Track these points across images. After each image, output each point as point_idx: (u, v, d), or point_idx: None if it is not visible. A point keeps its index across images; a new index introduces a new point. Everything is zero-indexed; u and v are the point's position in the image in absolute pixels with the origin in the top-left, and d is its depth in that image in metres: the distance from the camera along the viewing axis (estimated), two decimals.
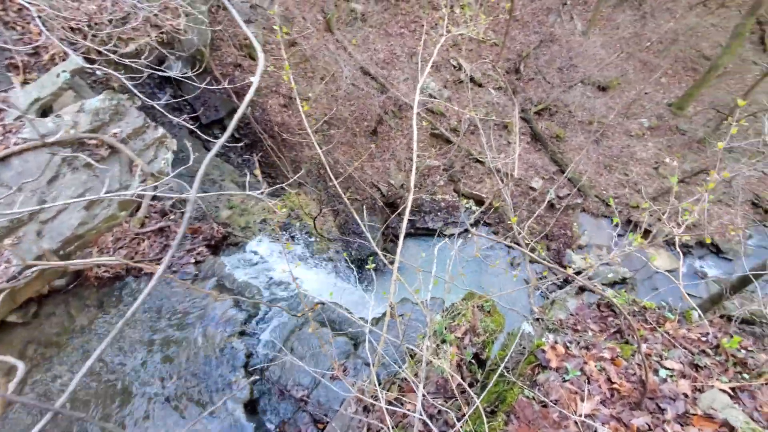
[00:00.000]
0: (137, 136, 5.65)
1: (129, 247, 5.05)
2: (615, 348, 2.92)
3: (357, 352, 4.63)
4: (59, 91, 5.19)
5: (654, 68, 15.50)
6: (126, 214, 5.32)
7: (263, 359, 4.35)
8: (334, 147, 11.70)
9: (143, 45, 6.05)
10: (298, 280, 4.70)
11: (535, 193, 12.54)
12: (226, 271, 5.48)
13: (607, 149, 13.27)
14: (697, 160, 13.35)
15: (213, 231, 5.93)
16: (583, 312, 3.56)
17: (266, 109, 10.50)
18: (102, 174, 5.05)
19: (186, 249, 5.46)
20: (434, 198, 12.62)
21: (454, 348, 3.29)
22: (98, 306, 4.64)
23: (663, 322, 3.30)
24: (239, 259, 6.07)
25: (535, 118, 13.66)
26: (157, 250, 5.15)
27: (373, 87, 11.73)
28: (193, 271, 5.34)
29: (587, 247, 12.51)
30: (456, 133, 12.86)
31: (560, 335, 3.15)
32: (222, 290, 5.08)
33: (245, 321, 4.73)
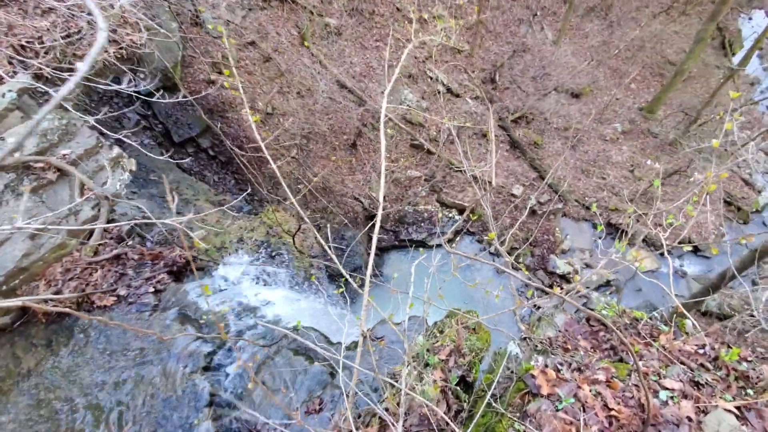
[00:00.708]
0: (90, 156, 5.25)
1: (80, 278, 4.60)
2: (609, 368, 2.77)
3: (334, 381, 4.29)
4: (4, 111, 4.78)
5: (623, 74, 15.96)
6: (76, 242, 4.89)
7: (231, 396, 3.99)
8: (313, 161, 11.51)
9: (100, 61, 5.75)
10: (270, 305, 4.41)
11: (516, 200, 12.59)
12: (189, 300, 5.07)
13: (583, 154, 13.48)
14: (671, 162, 13.70)
15: (176, 256, 5.50)
16: (573, 328, 3.41)
17: (241, 125, 10.25)
18: (49, 199, 4.66)
19: (144, 277, 5.01)
20: (417, 209, 12.52)
21: (439, 372, 3.08)
22: (47, 345, 4.19)
23: (657, 334, 3.18)
24: (206, 284, 5.66)
25: (512, 126, 13.81)
26: (111, 280, 4.72)
27: (350, 100, 11.63)
28: (153, 301, 4.90)
29: (570, 251, 12.58)
30: (436, 143, 12.85)
31: (550, 357, 2.99)
32: (185, 321, 4.65)
33: (210, 353, 4.35)
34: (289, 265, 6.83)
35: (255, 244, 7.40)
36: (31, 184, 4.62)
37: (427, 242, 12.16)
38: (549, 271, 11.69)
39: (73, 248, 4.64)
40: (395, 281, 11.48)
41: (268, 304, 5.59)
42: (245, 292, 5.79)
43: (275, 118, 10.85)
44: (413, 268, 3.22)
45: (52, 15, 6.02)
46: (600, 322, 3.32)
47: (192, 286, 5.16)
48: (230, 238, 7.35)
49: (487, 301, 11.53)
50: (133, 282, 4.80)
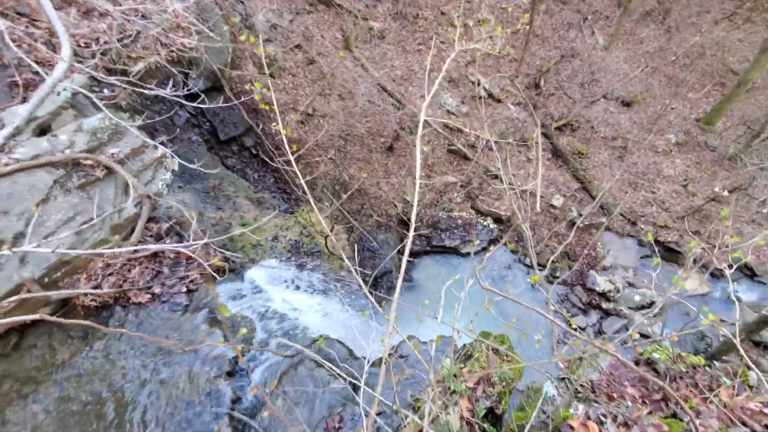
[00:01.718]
0: (135, 156, 5.48)
1: (119, 274, 4.79)
2: (661, 425, 2.49)
3: (356, 397, 4.15)
4: (59, 109, 5.06)
5: (680, 83, 15.01)
6: (119, 238, 5.05)
7: (252, 403, 4.03)
8: (350, 162, 11.62)
9: (152, 63, 6.05)
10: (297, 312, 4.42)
11: (556, 210, 12.14)
12: (219, 302, 5.18)
13: (632, 166, 12.79)
14: (729, 178, 12.73)
15: (209, 257, 5.58)
16: (619, 372, 3.14)
17: (283, 125, 10.52)
18: (96, 196, 4.88)
19: (179, 276, 5.15)
20: (451, 215, 12.34)
21: (465, 401, 2.94)
22: (82, 338, 4.40)
23: (717, 386, 2.86)
24: (236, 288, 5.74)
25: (556, 133, 13.33)
26: (148, 278, 4.91)
27: (389, 103, 11.65)
28: (184, 302, 4.98)
29: (612, 268, 11.96)
30: (474, 149, 12.63)
31: (592, 406, 2.73)
32: (212, 324, 4.74)
33: (235, 357, 4.43)
34: (319, 269, 6.90)
35: (288, 243, 7.55)
36: (79, 181, 4.85)
37: (460, 249, 11.95)
38: (588, 288, 11.17)
39: (115, 244, 4.87)
40: (424, 289, 11.38)
41: (296, 311, 5.64)
42: (274, 296, 5.83)
43: (315, 119, 11.05)
44: (443, 292, 3.10)
45: (108, 18, 6.43)
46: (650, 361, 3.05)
47: (223, 288, 5.30)
48: (266, 236, 7.55)
49: (519, 314, 11.19)
50: (168, 281, 4.98)
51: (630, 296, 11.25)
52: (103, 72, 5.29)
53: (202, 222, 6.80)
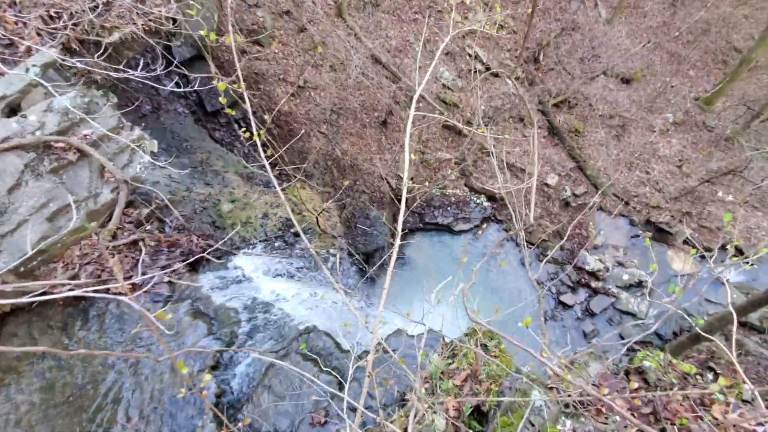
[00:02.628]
0: (111, 137, 5.11)
1: (97, 263, 4.55)
2: None
3: (343, 391, 4.04)
4: (27, 87, 4.63)
5: (682, 60, 14.65)
6: (96, 225, 4.78)
7: (238, 396, 3.97)
8: (342, 137, 11.33)
9: (128, 34, 5.66)
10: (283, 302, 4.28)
11: (550, 189, 12.05)
12: (202, 293, 4.96)
13: (628, 145, 12.64)
14: (724, 159, 12.66)
15: (192, 244, 5.31)
16: (609, 382, 3.05)
17: (273, 97, 10.15)
18: (69, 180, 4.57)
19: (160, 266, 4.88)
20: (444, 192, 12.22)
21: (452, 400, 2.88)
22: (62, 328, 4.25)
23: (710, 402, 2.78)
24: (220, 277, 5.52)
25: (553, 110, 13.06)
26: (127, 267, 4.66)
27: (384, 76, 11.26)
28: (166, 292, 4.78)
29: (603, 247, 12.03)
30: (469, 126, 12.35)
31: (580, 422, 2.64)
32: (197, 316, 4.58)
33: (219, 352, 4.32)
34: (307, 255, 6.71)
35: (279, 220, 7.39)
36: (51, 165, 4.52)
37: (453, 227, 11.91)
38: (578, 267, 11.25)
39: (91, 231, 4.64)
40: (417, 266, 11.38)
41: (283, 301, 5.49)
42: (260, 285, 5.65)
43: (307, 91, 10.67)
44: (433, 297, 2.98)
45: None
46: (640, 371, 2.93)
47: (207, 278, 5.11)
48: (255, 213, 7.38)
49: (510, 288, 11.27)
50: (149, 270, 4.77)
51: (619, 275, 11.36)
52: (76, 44, 4.90)
53: (189, 201, 6.58)
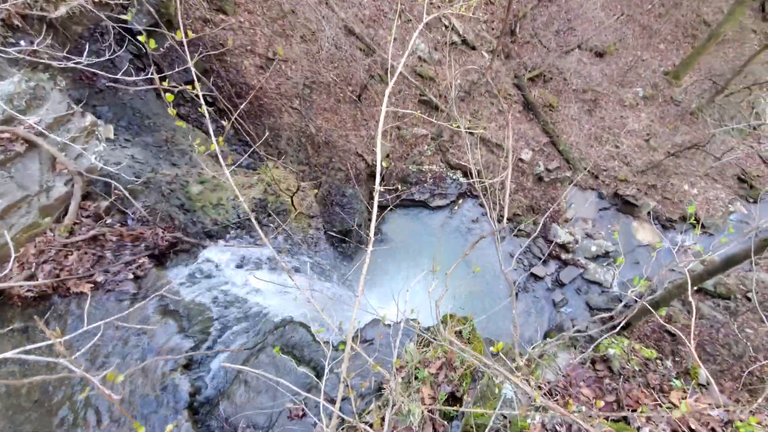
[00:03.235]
0: (61, 125, 4.70)
1: (54, 261, 4.25)
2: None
3: (320, 384, 4.01)
4: None
5: (653, 33, 14.80)
6: (50, 220, 4.46)
7: (212, 393, 3.91)
8: (316, 113, 10.99)
9: (76, 7, 5.12)
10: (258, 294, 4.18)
11: (524, 165, 12.21)
12: (170, 288, 4.72)
13: (599, 120, 12.86)
14: (689, 133, 13.10)
15: (158, 238, 5.02)
16: (576, 372, 3.18)
17: (240, 71, 9.64)
18: (17, 174, 4.19)
19: (124, 261, 4.61)
20: (421, 168, 12.18)
21: (428, 388, 2.95)
22: (23, 331, 3.99)
23: (668, 389, 2.93)
24: (190, 270, 5.23)
25: (528, 84, 13.04)
26: (88, 264, 4.39)
27: (358, 48, 10.86)
28: (132, 290, 4.50)
29: (573, 220, 12.43)
30: (445, 100, 12.21)
31: (548, 415, 2.72)
32: (165, 313, 4.40)
33: (193, 348, 4.20)
34: (284, 233, 6.55)
35: (252, 201, 7.19)
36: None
37: (429, 203, 11.98)
38: (549, 239, 11.62)
39: (46, 227, 4.31)
40: (394, 242, 11.45)
41: (257, 293, 5.33)
42: (233, 278, 5.44)
43: (277, 63, 10.19)
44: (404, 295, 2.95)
45: None
46: (604, 359, 3.01)
47: (175, 272, 4.86)
48: (226, 194, 7.15)
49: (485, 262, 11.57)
50: (112, 267, 4.48)
51: (587, 247, 11.82)
52: (18, 20, 4.39)
53: (154, 184, 6.26)
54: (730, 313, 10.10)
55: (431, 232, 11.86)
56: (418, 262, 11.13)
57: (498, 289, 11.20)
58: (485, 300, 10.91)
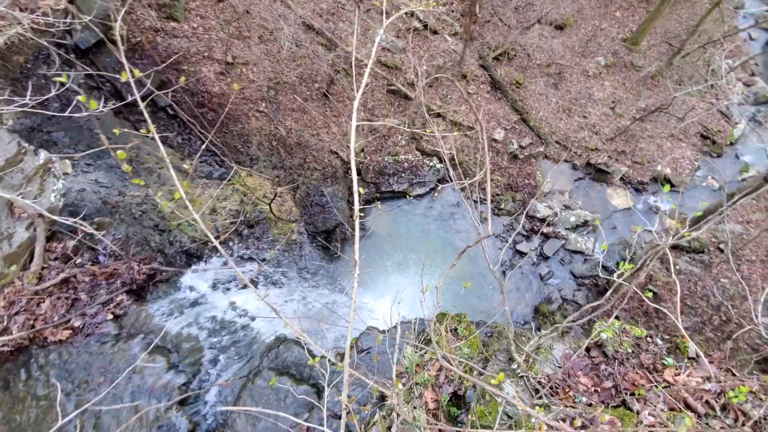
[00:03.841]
0: (13, 166, 4.37)
1: (27, 311, 4.02)
2: (615, 421, 2.56)
3: (321, 400, 3.87)
4: None
5: (609, 1, 15.03)
6: (17, 269, 4.20)
7: (213, 425, 3.76)
8: (284, 114, 10.75)
9: (14, 36, 4.75)
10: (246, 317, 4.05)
11: (498, 144, 12.32)
12: (155, 323, 4.48)
13: (566, 93, 13.05)
14: (652, 96, 13.46)
15: (134, 272, 4.77)
16: (573, 362, 3.20)
17: (200, 79, 9.31)
18: None
19: (101, 302, 4.38)
20: (397, 159, 12.13)
21: (429, 391, 2.94)
22: (4, 387, 3.80)
23: (661, 368, 2.99)
24: (171, 302, 5.01)
25: (493, 64, 13.08)
26: (63, 310, 4.17)
27: (318, 44, 10.63)
28: (113, 330, 4.28)
29: (550, 193, 12.66)
30: (413, 88, 12.13)
31: (551, 411, 2.72)
32: (153, 351, 4.14)
33: (186, 384, 4.06)
34: (266, 241, 6.39)
35: (229, 214, 7.02)
36: None
37: (409, 193, 11.98)
38: (530, 216, 11.81)
39: (13, 276, 4.04)
40: (378, 236, 11.43)
41: (244, 314, 5.15)
42: (218, 303, 5.23)
43: (237, 68, 9.88)
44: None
45: None
46: (599, 344, 3.02)
47: (157, 306, 4.62)
48: (202, 209, 6.94)
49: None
50: (89, 309, 4.25)
51: (566, 218, 12.08)
52: None
53: (124, 208, 6.01)
54: (704, 265, 10.55)
55: (414, 221, 11.89)
56: (405, 253, 11.16)
57: (483, 264, 11.34)
58: (473, 279, 11.05)
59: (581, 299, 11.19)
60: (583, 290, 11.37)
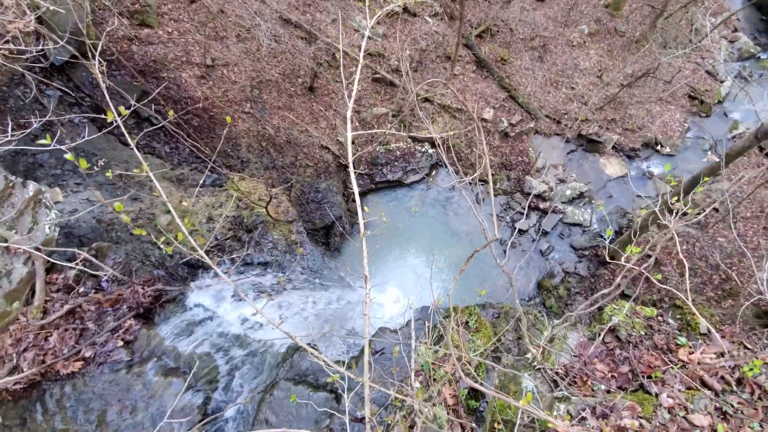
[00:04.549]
0: (2, 201, 4.22)
1: (35, 346, 3.93)
2: (635, 406, 2.59)
3: (340, 405, 3.95)
4: None
5: None
6: (19, 305, 4.09)
7: None
8: (270, 113, 10.58)
9: None
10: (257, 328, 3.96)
11: (488, 124, 12.24)
12: (167, 345, 4.40)
13: (552, 65, 12.93)
14: (638, 61, 13.38)
15: (139, 295, 4.68)
16: (588, 350, 3.21)
17: (181, 85, 9.10)
18: None
19: (109, 329, 4.28)
20: (388, 148, 12.03)
21: (447, 387, 2.96)
22: (21, 424, 3.73)
23: (675, 347, 3.01)
24: (180, 322, 4.93)
25: (477, 41, 12.90)
26: (72, 342, 4.07)
27: (298, 37, 10.39)
28: (125, 357, 4.17)
29: (544, 168, 12.66)
30: (398, 74, 11.96)
31: (571, 402, 2.73)
32: (168, 374, 4.08)
33: (204, 402, 4.01)
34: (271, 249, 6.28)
35: (227, 220, 6.94)
36: None
37: (404, 180, 11.94)
38: (526, 192, 11.84)
39: (17, 313, 3.94)
40: (376, 227, 11.41)
41: (255, 326, 5.08)
42: (227, 317, 5.16)
43: (217, 70, 9.66)
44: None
45: None
46: (612, 329, 3.02)
47: (166, 327, 4.53)
48: (198, 218, 6.86)
49: (467, 228, 11.74)
50: (98, 338, 4.16)
51: (562, 192, 12.12)
52: None
53: (119, 226, 5.91)
54: (701, 226, 10.67)
55: (412, 208, 11.87)
56: (406, 242, 11.17)
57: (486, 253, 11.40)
58: (477, 262, 11.12)
59: (583, 271, 11.31)
60: (584, 262, 11.48)
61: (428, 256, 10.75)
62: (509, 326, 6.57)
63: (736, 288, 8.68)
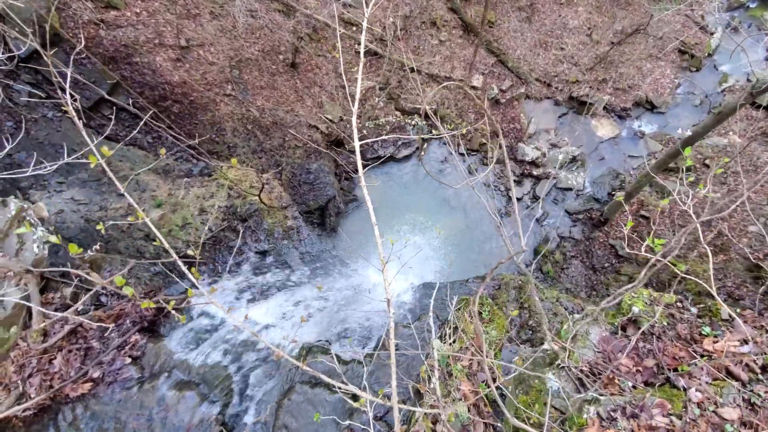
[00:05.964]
0: None
1: (40, 371, 3.77)
2: (665, 404, 2.56)
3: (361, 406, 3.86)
4: None
5: None
6: (17, 330, 3.91)
7: None
8: (253, 93, 10.16)
9: None
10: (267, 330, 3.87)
11: (478, 91, 11.95)
12: (177, 359, 4.26)
13: (541, 26, 12.52)
14: (627, 17, 13.01)
15: (141, 308, 4.57)
16: (611, 345, 3.14)
17: (156, 69, 8.63)
18: None
19: (115, 346, 4.13)
20: (378, 123, 11.74)
21: (465, 382, 2.94)
22: None
23: (699, 337, 2.95)
24: (188, 332, 4.77)
25: (462, 5, 12.37)
26: (77, 363, 3.92)
27: (275, 11, 9.84)
28: (135, 374, 4.03)
29: (536, 134, 12.52)
30: (383, 44, 11.50)
31: (600, 403, 2.66)
32: (182, 387, 3.96)
33: (221, 412, 3.93)
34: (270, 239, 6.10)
35: (219, 211, 6.78)
36: None
37: (396, 156, 11.74)
38: (519, 160, 11.75)
39: (16, 338, 3.78)
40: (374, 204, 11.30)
41: (265, 329, 4.98)
42: (234, 322, 4.96)
43: (193, 51, 9.16)
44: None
45: None
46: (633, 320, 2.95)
47: (174, 339, 4.40)
48: (190, 211, 6.69)
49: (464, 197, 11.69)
50: (104, 357, 4.02)
51: (555, 157, 12.04)
52: None
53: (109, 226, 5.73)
54: (691, 183, 10.74)
55: (405, 183, 11.74)
56: (401, 216, 11.12)
57: (474, 216, 11.40)
58: (474, 233, 11.15)
59: (577, 234, 11.43)
60: (578, 225, 11.59)
61: (426, 230, 10.74)
62: (508, 297, 6.62)
63: (728, 243, 8.85)
